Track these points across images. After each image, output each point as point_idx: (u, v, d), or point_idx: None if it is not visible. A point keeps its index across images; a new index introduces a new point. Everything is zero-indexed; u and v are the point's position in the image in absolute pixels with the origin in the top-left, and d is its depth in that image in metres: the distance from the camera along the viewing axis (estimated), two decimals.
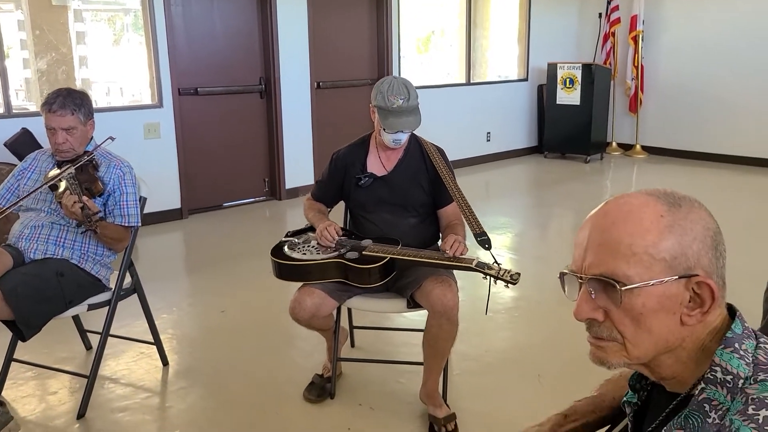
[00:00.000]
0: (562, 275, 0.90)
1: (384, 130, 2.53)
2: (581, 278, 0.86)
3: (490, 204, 6.19)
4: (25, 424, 2.49)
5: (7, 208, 2.58)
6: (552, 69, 7.93)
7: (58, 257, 2.50)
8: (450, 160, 2.71)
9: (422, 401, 2.58)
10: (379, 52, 6.72)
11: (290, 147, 6.06)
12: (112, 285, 2.68)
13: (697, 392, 0.82)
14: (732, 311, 0.88)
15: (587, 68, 7.69)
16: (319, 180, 2.76)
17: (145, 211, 2.77)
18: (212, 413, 2.59)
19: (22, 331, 2.33)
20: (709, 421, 0.78)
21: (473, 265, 2.31)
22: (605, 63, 8.17)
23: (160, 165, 5.30)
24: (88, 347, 3.10)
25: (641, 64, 8.04)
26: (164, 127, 5.34)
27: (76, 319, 3.03)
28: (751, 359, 0.82)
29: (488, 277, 2.28)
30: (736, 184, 6.71)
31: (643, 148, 8.32)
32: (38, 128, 4.36)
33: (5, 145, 4.26)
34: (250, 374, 2.88)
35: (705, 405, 0.81)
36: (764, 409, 0.75)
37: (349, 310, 3.06)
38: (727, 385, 0.81)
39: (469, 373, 2.88)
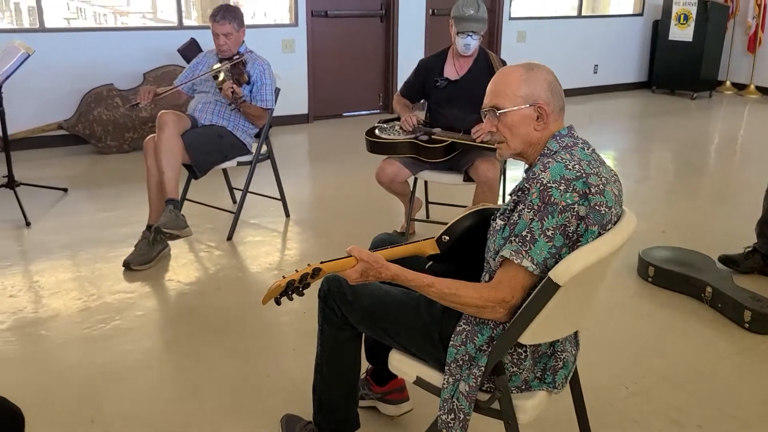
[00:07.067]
0: (482, 112, 1.69)
1: (457, 34, 3.28)
2: (485, 109, 1.66)
3: (589, 131, 6.70)
4: (190, 240, 3.61)
5: (178, 86, 3.65)
6: (667, 4, 8.05)
7: (219, 125, 3.55)
8: None
9: None
10: None
11: (404, 67, 6.86)
12: (254, 150, 3.71)
13: (537, 161, 1.61)
14: (569, 126, 1.64)
15: (703, 5, 7.75)
16: (407, 80, 3.58)
17: (279, 113, 3.74)
18: (318, 246, 3.62)
19: (196, 172, 3.42)
20: (533, 171, 1.57)
21: None
22: (726, 1, 8.15)
23: (293, 76, 6.30)
24: (234, 201, 4.21)
25: (765, 3, 7.95)
26: (298, 43, 6.33)
27: (227, 177, 4.14)
28: (563, 144, 1.58)
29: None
30: None
31: (758, 88, 8.30)
32: (201, 38, 5.51)
33: (178, 50, 5.42)
34: (349, 227, 3.87)
35: (536, 164, 1.59)
36: (550, 159, 1.52)
37: (426, 187, 3.93)
38: (546, 155, 1.58)
39: None
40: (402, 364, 1.76)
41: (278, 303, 1.59)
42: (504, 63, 3.41)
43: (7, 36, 4.73)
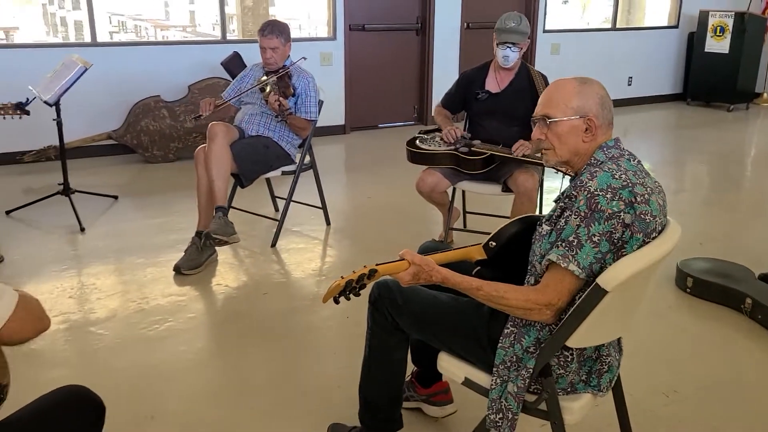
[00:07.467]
0: (531, 120, 1.77)
1: (497, 45, 3.36)
2: (536, 117, 1.74)
3: (624, 143, 6.71)
4: (235, 246, 3.74)
5: (229, 100, 3.80)
6: (703, 16, 8.03)
7: (265, 136, 3.69)
8: None
9: None
10: None
11: (438, 79, 6.96)
12: (298, 160, 3.83)
13: (583, 170, 1.69)
14: (616, 138, 1.71)
15: (740, 17, 7.72)
16: (448, 92, 3.67)
17: (316, 124, 3.85)
18: (355, 252, 3.73)
19: (243, 181, 3.55)
20: (581, 179, 1.64)
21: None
22: (764, 12, 8.09)
23: (330, 88, 6.43)
24: (276, 209, 4.35)
25: None
26: (335, 56, 6.48)
27: (270, 185, 4.27)
28: (610, 155, 1.66)
29: (559, 172, 3.10)
30: None
31: None
32: (245, 51, 5.68)
33: (221, 63, 5.59)
34: (385, 235, 3.96)
35: (583, 173, 1.67)
36: (597, 169, 1.60)
37: (464, 197, 4.01)
38: (593, 164, 1.66)
39: None
40: (450, 365, 1.84)
41: (337, 302, 1.68)
42: (545, 78, 3.47)
43: (65, 50, 4.94)
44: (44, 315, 1.37)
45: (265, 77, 3.74)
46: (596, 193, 1.55)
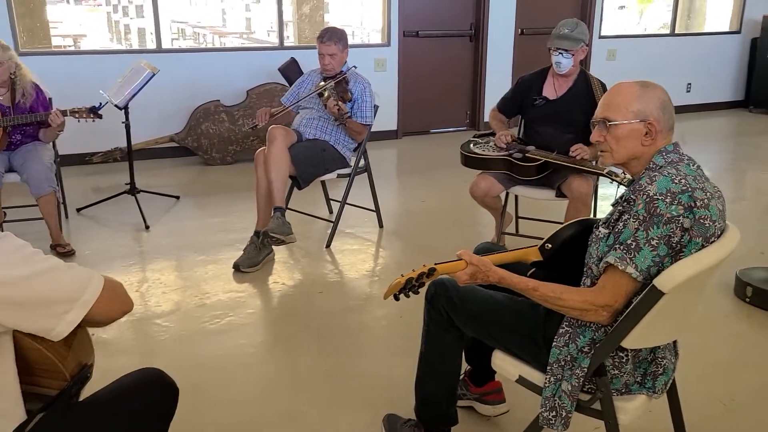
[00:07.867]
0: (591, 123, 1.80)
1: (549, 50, 3.38)
2: (595, 120, 1.77)
3: (683, 149, 6.57)
4: (291, 246, 3.84)
5: (289, 106, 3.93)
6: (767, 22, 7.80)
7: (322, 139, 3.79)
8: None
9: None
10: (583, 2, 7.31)
11: (492, 85, 6.97)
12: (353, 164, 3.92)
13: (642, 174, 1.71)
14: (675, 143, 1.73)
15: None
16: (505, 96, 3.69)
17: (371, 129, 3.93)
18: (407, 254, 3.79)
19: (300, 182, 3.66)
20: (640, 183, 1.66)
21: (604, 172, 3.14)
22: None
23: (384, 94, 6.51)
24: (331, 211, 4.45)
25: None
26: (389, 62, 6.57)
27: (324, 188, 4.38)
28: (669, 160, 1.67)
29: (613, 182, 3.10)
30: None
31: None
32: (301, 57, 5.83)
33: (279, 69, 5.75)
34: (436, 238, 4.01)
35: (642, 177, 1.68)
36: (656, 173, 1.61)
37: (516, 201, 4.02)
38: (652, 169, 1.68)
39: None
40: (505, 363, 1.88)
41: (397, 299, 1.75)
42: (604, 85, 3.46)
43: (130, 56, 5.18)
44: (127, 297, 1.48)
45: (323, 83, 3.85)
46: (655, 197, 1.57)
